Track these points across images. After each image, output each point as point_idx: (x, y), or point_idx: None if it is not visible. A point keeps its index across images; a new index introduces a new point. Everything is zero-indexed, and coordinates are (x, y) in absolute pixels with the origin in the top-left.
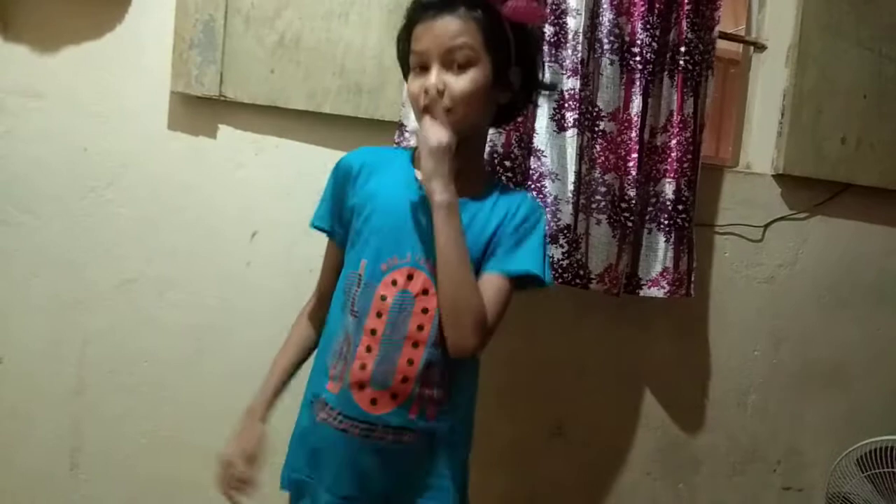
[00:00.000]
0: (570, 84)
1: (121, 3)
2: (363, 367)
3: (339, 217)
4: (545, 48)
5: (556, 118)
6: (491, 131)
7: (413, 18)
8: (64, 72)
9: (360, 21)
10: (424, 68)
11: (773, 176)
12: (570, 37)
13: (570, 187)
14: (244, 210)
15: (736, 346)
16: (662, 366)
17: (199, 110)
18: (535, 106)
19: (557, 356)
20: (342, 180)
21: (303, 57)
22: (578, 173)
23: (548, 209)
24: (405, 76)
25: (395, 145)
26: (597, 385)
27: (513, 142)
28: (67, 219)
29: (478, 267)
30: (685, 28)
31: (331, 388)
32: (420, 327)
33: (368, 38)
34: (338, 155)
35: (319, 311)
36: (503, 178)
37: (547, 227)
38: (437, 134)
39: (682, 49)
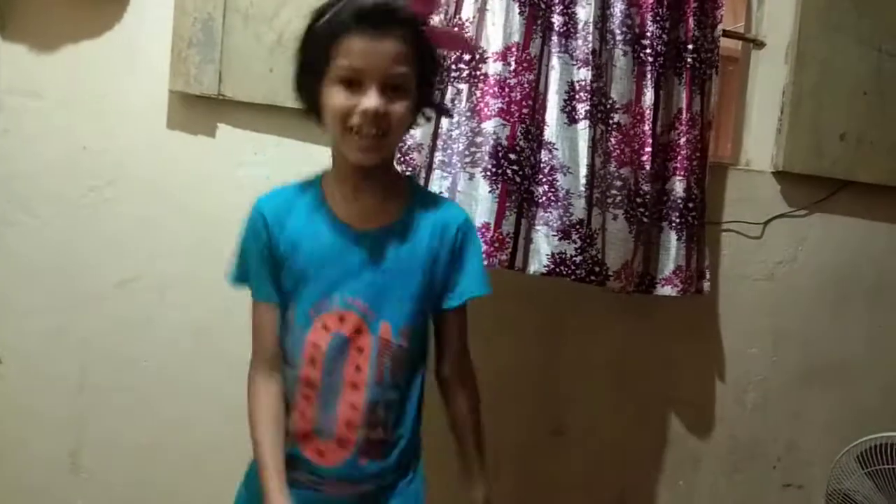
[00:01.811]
0: (581, 75)
1: (119, 2)
2: (304, 416)
3: (270, 276)
4: (555, 39)
5: (566, 110)
6: (493, 123)
7: (345, 25)
8: (63, 71)
9: None
10: (352, 84)
11: (772, 173)
12: (580, 27)
13: (583, 181)
14: (243, 209)
15: (736, 344)
16: (662, 363)
17: (198, 109)
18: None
19: (557, 355)
20: (262, 235)
21: None
22: (591, 166)
23: (559, 203)
24: (304, 77)
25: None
26: (596, 384)
27: (518, 134)
28: (67, 218)
29: (425, 288)
30: (692, 25)
31: (287, 440)
32: (357, 368)
33: None
34: None
35: (277, 374)
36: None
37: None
38: None
39: (690, 46)
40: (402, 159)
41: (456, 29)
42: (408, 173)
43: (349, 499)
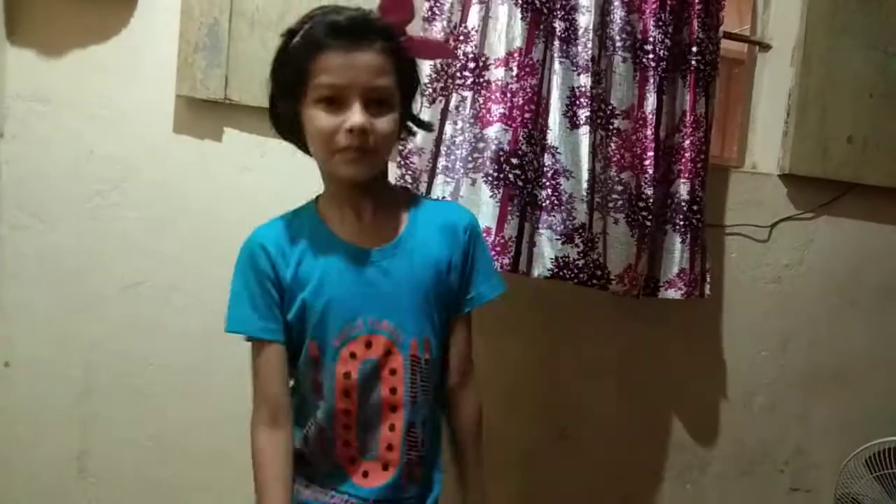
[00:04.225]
0: (582, 81)
1: (126, 7)
2: (347, 444)
3: (276, 313)
4: (556, 44)
5: (568, 115)
6: (495, 129)
7: (319, 42)
8: (70, 76)
9: None
10: (333, 103)
11: (778, 176)
12: (580, 33)
13: (585, 185)
14: (250, 212)
15: (743, 347)
16: (669, 367)
17: (205, 113)
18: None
19: (563, 359)
20: (265, 269)
21: None
22: (592, 171)
23: (562, 207)
24: (281, 102)
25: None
26: (602, 386)
27: (520, 138)
28: (74, 222)
29: (442, 296)
30: (696, 27)
31: (316, 467)
32: (393, 390)
33: None
34: None
35: (284, 424)
36: (497, 176)
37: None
38: None
39: (694, 49)
40: (401, 163)
41: (447, 36)
42: (408, 178)
43: None
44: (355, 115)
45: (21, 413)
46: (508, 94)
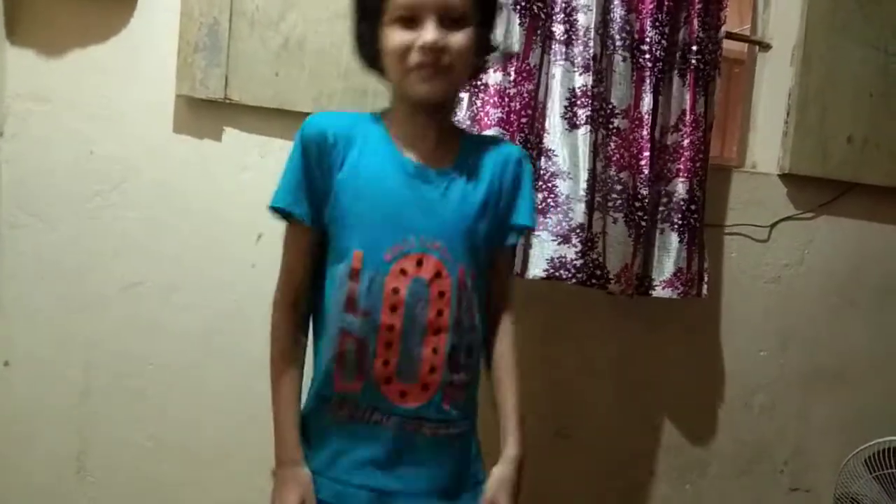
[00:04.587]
0: (582, 81)
1: (126, 7)
2: (386, 363)
3: (312, 198)
4: (555, 47)
5: (567, 116)
6: (492, 133)
7: None
8: (70, 76)
9: None
10: (410, 22)
11: (778, 176)
12: (581, 33)
13: (583, 185)
14: (249, 212)
15: (742, 347)
16: (668, 366)
17: (205, 113)
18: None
19: (562, 356)
20: (317, 153)
21: (308, 59)
22: (592, 171)
23: (559, 208)
24: (362, 26)
25: None
26: (601, 385)
27: (517, 142)
28: (73, 222)
29: (491, 226)
30: (696, 27)
31: (349, 387)
32: (439, 312)
33: None
34: None
35: (301, 309)
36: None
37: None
38: None
39: (694, 48)
40: None
41: None
42: None
43: (432, 442)
44: (428, 33)
45: (20, 412)
46: (506, 99)
